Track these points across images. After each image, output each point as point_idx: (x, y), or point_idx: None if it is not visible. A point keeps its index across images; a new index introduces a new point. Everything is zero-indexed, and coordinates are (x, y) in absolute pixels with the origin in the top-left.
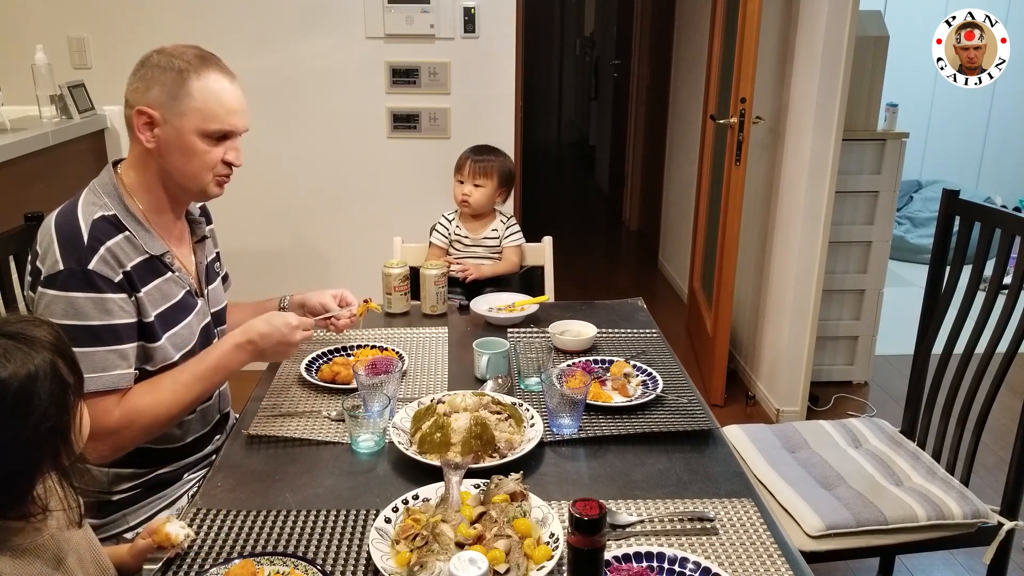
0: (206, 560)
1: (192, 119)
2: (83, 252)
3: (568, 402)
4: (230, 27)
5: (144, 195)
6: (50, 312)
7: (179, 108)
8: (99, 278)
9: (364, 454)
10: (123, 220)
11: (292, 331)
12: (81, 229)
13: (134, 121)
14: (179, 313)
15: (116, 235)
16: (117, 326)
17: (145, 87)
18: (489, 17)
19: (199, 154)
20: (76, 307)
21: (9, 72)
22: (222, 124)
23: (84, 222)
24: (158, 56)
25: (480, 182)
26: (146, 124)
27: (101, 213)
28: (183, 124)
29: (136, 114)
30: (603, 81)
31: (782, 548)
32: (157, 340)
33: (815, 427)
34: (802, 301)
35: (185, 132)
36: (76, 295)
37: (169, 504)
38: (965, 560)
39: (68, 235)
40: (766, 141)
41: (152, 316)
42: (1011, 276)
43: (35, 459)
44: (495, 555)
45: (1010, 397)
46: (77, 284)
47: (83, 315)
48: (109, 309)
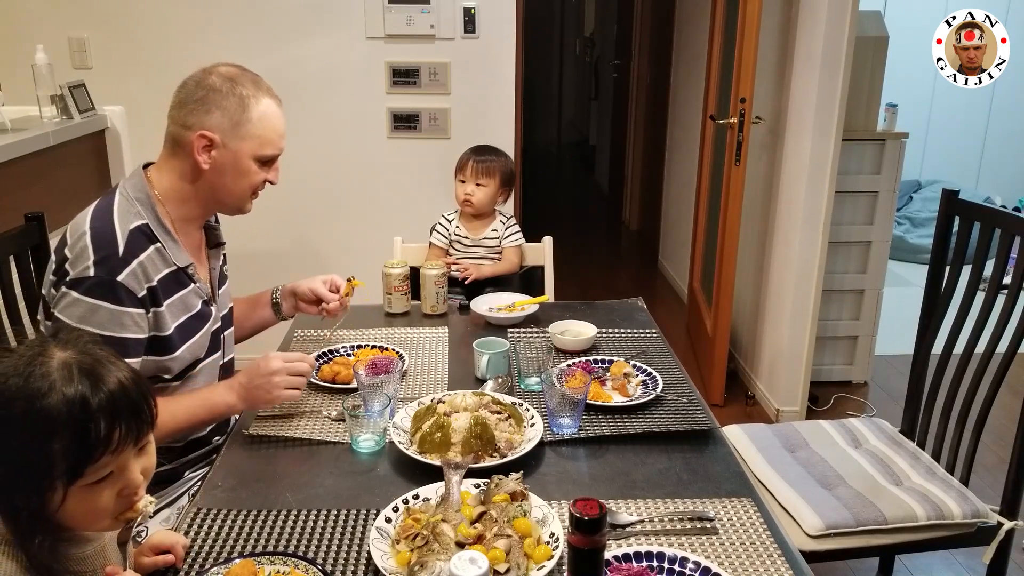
0: (206, 560)
1: (251, 144)
2: (116, 263)
3: (568, 402)
4: (230, 27)
5: (178, 206)
6: (68, 313)
7: (239, 133)
8: (124, 291)
9: (364, 454)
10: (154, 230)
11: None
12: (118, 239)
13: (193, 144)
14: (197, 323)
15: (148, 247)
16: (126, 340)
17: (205, 111)
18: (489, 17)
19: (250, 176)
20: (94, 314)
21: (10, 72)
22: (276, 149)
23: (121, 231)
24: (216, 79)
25: (482, 182)
26: (205, 147)
27: (136, 223)
28: (241, 148)
29: (197, 138)
30: (603, 81)
31: (782, 548)
32: (175, 351)
33: (815, 427)
34: (802, 301)
35: (242, 156)
36: (98, 303)
37: (170, 503)
38: (965, 560)
39: (104, 243)
40: (766, 141)
41: (172, 328)
42: (1011, 276)
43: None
44: (495, 555)
45: (1010, 397)
46: (102, 293)
47: (97, 323)
48: (124, 323)
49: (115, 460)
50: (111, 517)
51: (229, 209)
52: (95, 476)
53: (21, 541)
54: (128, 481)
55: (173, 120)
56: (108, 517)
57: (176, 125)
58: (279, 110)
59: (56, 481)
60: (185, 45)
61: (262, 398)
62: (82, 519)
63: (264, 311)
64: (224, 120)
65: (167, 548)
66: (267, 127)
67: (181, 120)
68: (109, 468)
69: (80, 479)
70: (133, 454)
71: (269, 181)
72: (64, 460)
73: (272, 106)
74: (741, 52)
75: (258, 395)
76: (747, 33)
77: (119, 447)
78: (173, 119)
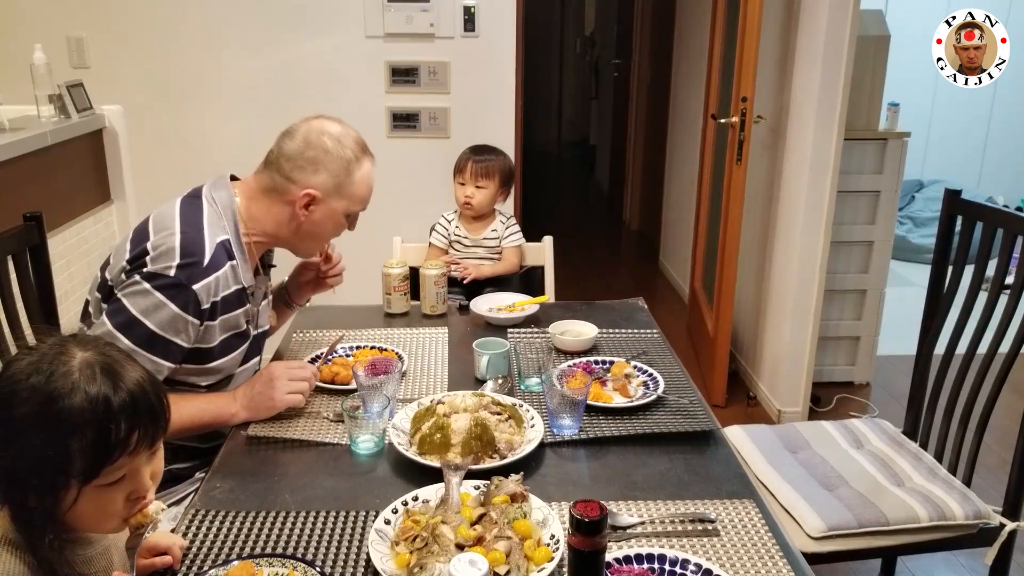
0: (205, 561)
1: (346, 203)
2: (198, 272)
3: (568, 403)
4: (230, 27)
5: (258, 232)
6: (133, 301)
7: (341, 193)
8: (194, 299)
9: (364, 455)
10: (233, 247)
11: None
12: (206, 249)
13: (296, 198)
14: (237, 341)
15: (226, 263)
16: (173, 344)
17: (314, 170)
18: (489, 16)
19: (337, 228)
20: (158, 310)
21: (8, 72)
22: (364, 206)
23: (210, 243)
24: (328, 141)
25: (482, 183)
26: (306, 204)
27: (222, 237)
28: (338, 206)
29: (303, 196)
30: (603, 81)
31: (783, 549)
32: (212, 362)
33: (816, 428)
34: (803, 301)
35: (337, 212)
36: (167, 302)
37: (178, 501)
38: (967, 561)
39: (192, 249)
40: (767, 140)
41: (216, 342)
42: (1013, 276)
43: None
44: (495, 556)
45: (1012, 397)
46: (174, 294)
47: (157, 321)
48: (179, 328)
49: (130, 462)
50: (119, 519)
51: (304, 254)
52: (110, 478)
53: (30, 540)
54: (138, 484)
55: (279, 169)
56: (116, 519)
57: (281, 176)
58: (372, 168)
59: (72, 480)
60: (184, 45)
61: (264, 404)
62: (91, 520)
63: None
64: (329, 181)
65: (164, 549)
66: (364, 188)
67: (287, 173)
68: (124, 470)
69: (96, 479)
70: (146, 457)
71: (347, 229)
72: (82, 459)
73: (369, 167)
74: (742, 51)
75: (260, 402)
76: (748, 32)
77: (136, 449)
78: (279, 168)
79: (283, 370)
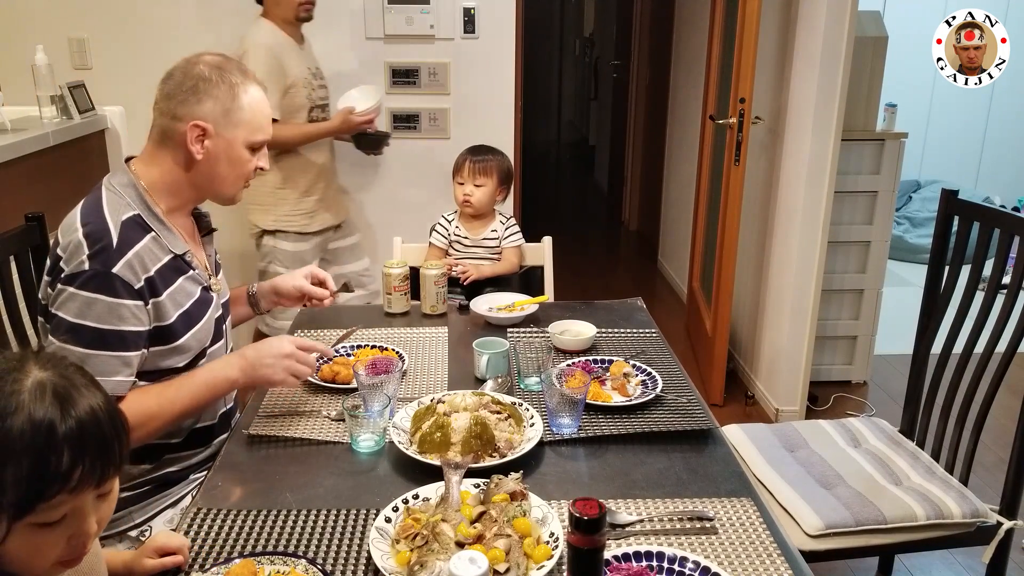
0: (206, 560)
1: (243, 131)
2: (111, 254)
3: (568, 402)
4: (230, 27)
5: (167, 197)
6: (66, 309)
7: (231, 121)
8: (120, 282)
9: (364, 454)
10: (147, 220)
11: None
12: (111, 231)
13: (187, 134)
14: (200, 309)
15: (143, 237)
16: (125, 333)
17: (197, 100)
18: (489, 17)
19: (243, 163)
20: (91, 308)
21: (10, 72)
22: (265, 135)
23: (113, 223)
24: (204, 68)
25: (481, 182)
26: (198, 137)
27: (128, 214)
28: (234, 136)
29: (190, 128)
30: (603, 81)
31: (781, 548)
32: (178, 339)
33: (814, 427)
34: (801, 301)
35: (235, 144)
36: (94, 296)
37: (174, 503)
38: (964, 559)
39: (97, 236)
40: (765, 141)
41: (174, 317)
42: (1010, 276)
43: None
44: (495, 554)
45: (1009, 396)
46: (97, 286)
47: (95, 317)
48: (121, 315)
49: (72, 501)
50: (53, 563)
51: (223, 198)
52: (48, 516)
53: None
54: (80, 529)
55: (162, 112)
56: (49, 564)
57: (166, 117)
58: (264, 95)
59: (1, 514)
60: (185, 46)
61: (265, 375)
62: (21, 562)
63: (241, 308)
64: (216, 109)
65: (173, 550)
66: (256, 113)
67: (171, 111)
68: (65, 508)
69: (28, 515)
70: (92, 498)
71: (260, 168)
72: (15, 491)
73: (259, 92)
74: (740, 52)
75: (263, 372)
76: (746, 33)
77: (79, 487)
78: (162, 111)
79: (292, 349)
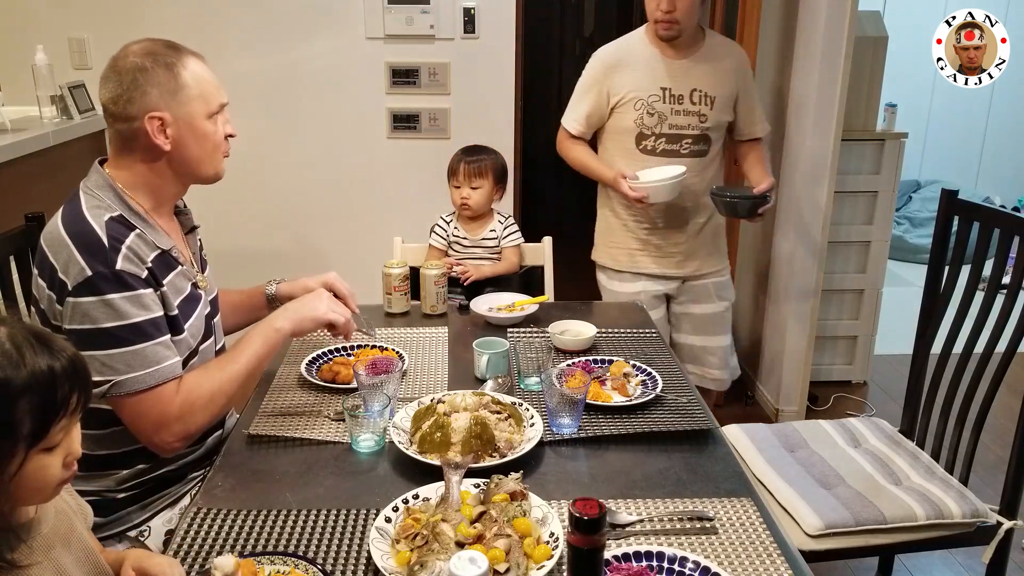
0: (206, 560)
1: (196, 106)
2: (107, 254)
3: (568, 402)
4: (230, 28)
5: (146, 194)
6: (91, 319)
7: (182, 100)
8: (129, 276)
9: (364, 454)
10: (129, 219)
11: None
12: (97, 232)
13: (148, 128)
14: (191, 305)
15: (129, 233)
16: (157, 319)
17: (141, 93)
18: (489, 17)
19: (210, 136)
20: (116, 308)
21: (10, 72)
22: (219, 99)
23: (97, 225)
24: (135, 59)
25: (477, 183)
26: (160, 128)
27: (108, 215)
28: (190, 113)
29: (148, 121)
30: None
31: (781, 547)
32: (182, 332)
33: (814, 427)
34: (801, 300)
35: (195, 121)
36: (112, 297)
37: (172, 502)
38: (964, 559)
39: (86, 241)
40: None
41: (176, 309)
42: (1010, 275)
43: None
44: (495, 554)
45: (1009, 396)
46: (110, 286)
47: (124, 314)
48: (146, 304)
49: (68, 425)
50: (54, 487)
51: (206, 178)
52: (51, 441)
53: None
54: (71, 449)
55: (114, 118)
56: (52, 487)
57: (120, 121)
58: (204, 64)
59: (19, 444)
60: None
61: (311, 315)
62: (33, 489)
63: (261, 313)
64: (163, 94)
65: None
66: (201, 83)
67: (122, 114)
68: (62, 434)
69: (42, 441)
70: (75, 421)
71: (229, 135)
72: (30, 421)
73: (197, 62)
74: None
75: (308, 313)
76: (746, 33)
77: (74, 411)
78: (114, 116)
79: (329, 295)
